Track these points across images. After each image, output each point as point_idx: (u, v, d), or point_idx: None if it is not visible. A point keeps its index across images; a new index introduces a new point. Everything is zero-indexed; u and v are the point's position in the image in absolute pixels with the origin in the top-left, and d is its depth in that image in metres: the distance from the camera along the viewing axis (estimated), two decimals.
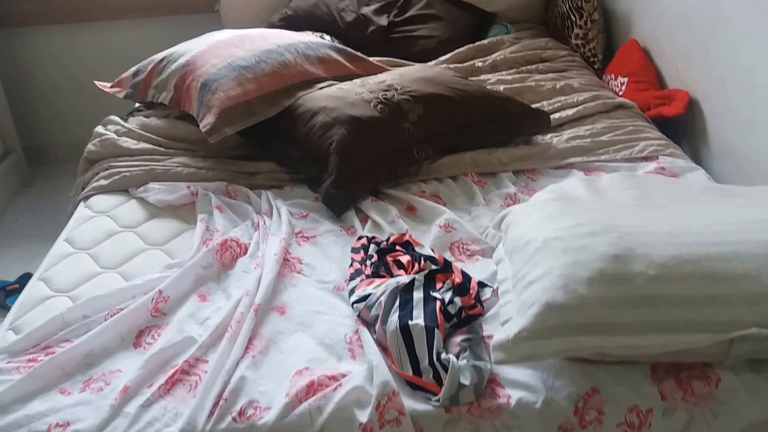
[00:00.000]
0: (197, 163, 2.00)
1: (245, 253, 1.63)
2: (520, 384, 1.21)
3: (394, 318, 1.29)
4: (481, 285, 1.44)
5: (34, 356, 1.32)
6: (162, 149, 2.06)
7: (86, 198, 1.94)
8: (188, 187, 1.85)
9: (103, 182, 1.95)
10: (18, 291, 2.53)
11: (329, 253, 1.65)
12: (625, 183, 1.49)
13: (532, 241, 1.26)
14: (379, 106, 1.91)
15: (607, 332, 1.10)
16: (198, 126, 2.00)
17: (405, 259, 1.49)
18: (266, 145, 2.04)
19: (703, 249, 1.15)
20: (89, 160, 2.09)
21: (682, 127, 2.19)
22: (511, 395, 1.19)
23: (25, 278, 2.59)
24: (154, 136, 2.11)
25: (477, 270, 1.51)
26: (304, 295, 1.49)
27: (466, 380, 1.17)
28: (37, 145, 3.43)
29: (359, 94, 1.96)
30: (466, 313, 1.34)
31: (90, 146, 2.10)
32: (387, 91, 1.97)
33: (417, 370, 1.23)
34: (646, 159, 1.92)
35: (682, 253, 1.14)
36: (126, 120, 2.21)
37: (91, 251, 1.67)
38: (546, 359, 1.19)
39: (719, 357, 1.15)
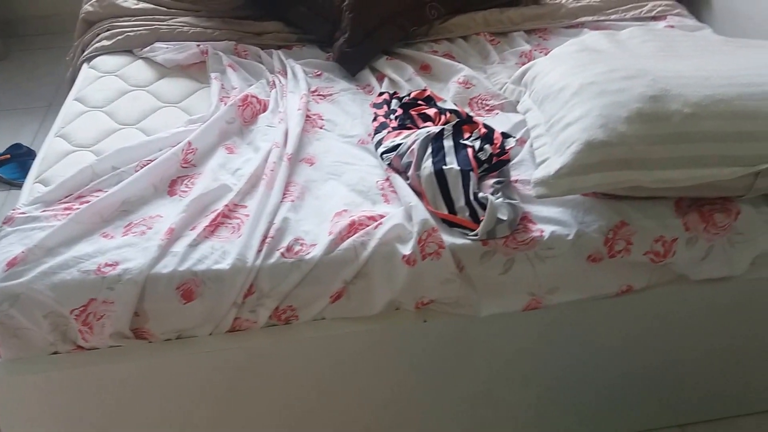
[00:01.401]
0: (202, 22, 1.95)
1: (265, 109, 1.63)
2: (552, 220, 1.27)
3: (428, 164, 1.32)
4: (505, 135, 1.48)
5: (69, 205, 1.33)
6: (164, 9, 2.00)
7: (89, 60, 1.89)
8: (197, 45, 1.82)
9: (106, 42, 1.90)
10: (9, 161, 2.49)
11: (348, 109, 1.66)
12: (646, 36, 1.51)
13: (566, 87, 1.29)
14: None
15: (645, 167, 1.16)
16: None
17: (432, 111, 1.51)
18: (271, 3, 1.99)
19: (734, 90, 1.20)
20: (87, 21, 2.02)
21: None
22: (544, 229, 1.26)
23: (16, 148, 2.54)
24: None
25: (497, 123, 1.54)
26: (330, 148, 1.51)
27: (503, 215, 1.23)
28: (8, 18, 3.27)
29: None
30: (495, 159, 1.38)
31: (87, 7, 2.02)
32: None
33: (452, 210, 1.28)
34: (654, 19, 1.93)
35: (715, 93, 1.19)
36: None
37: (106, 109, 1.66)
38: (585, 192, 1.24)
39: (743, 191, 1.22)
